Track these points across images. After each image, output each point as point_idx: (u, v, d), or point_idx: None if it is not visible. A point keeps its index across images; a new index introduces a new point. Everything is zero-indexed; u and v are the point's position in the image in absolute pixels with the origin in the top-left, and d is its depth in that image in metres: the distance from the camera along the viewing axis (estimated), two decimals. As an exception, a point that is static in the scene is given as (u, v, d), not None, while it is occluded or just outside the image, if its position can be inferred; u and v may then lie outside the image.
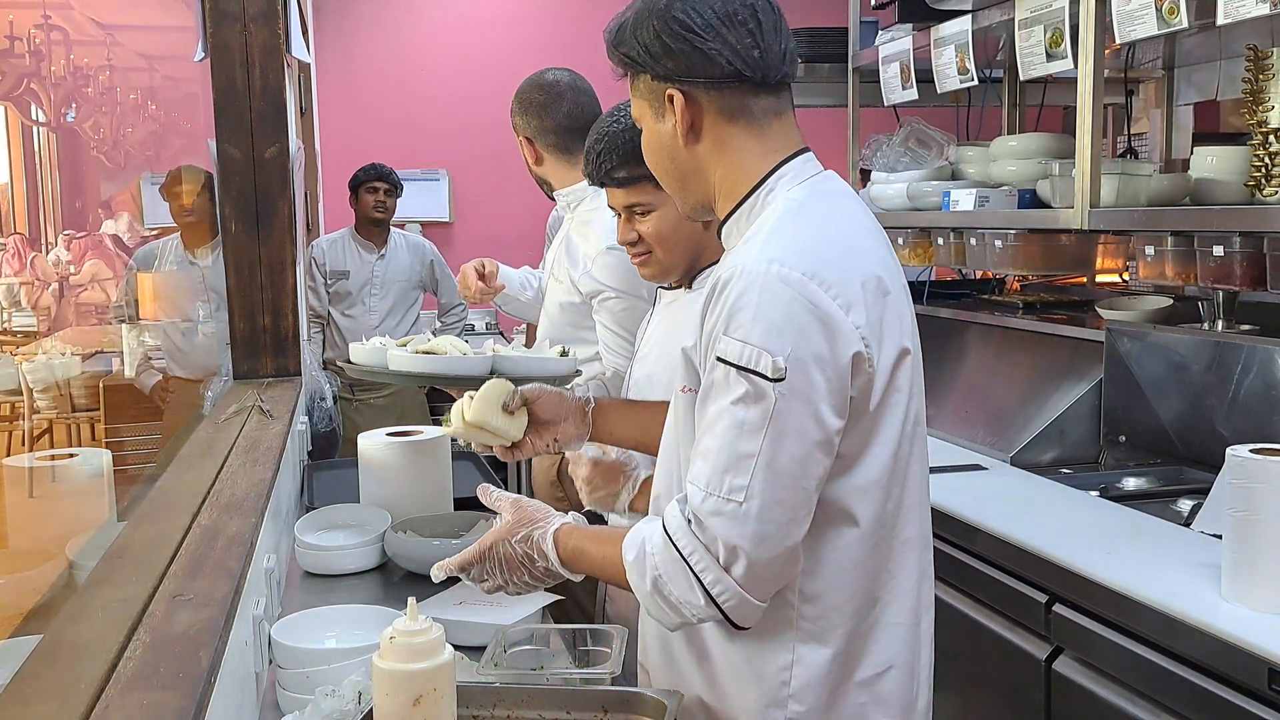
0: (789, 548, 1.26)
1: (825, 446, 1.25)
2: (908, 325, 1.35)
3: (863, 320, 1.26)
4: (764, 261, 1.25)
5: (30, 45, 3.90)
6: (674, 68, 1.33)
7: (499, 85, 6.66)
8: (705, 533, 1.26)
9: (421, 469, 2.38)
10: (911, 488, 1.38)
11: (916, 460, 1.39)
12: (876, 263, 1.33)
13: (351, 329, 4.92)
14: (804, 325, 1.22)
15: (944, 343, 3.62)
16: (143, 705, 1.00)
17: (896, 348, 1.31)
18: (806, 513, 1.27)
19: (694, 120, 1.36)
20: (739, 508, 1.23)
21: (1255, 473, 1.83)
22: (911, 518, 1.38)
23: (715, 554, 1.25)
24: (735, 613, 1.28)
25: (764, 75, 1.34)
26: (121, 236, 6.07)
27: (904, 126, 3.68)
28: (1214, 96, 3.58)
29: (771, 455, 1.22)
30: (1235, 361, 2.65)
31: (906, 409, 1.34)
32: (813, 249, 1.27)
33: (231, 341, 2.71)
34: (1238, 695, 1.76)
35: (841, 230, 1.34)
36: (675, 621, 1.33)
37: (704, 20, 1.32)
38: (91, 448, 2.53)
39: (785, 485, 1.23)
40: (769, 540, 1.24)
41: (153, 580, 1.32)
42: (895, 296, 1.33)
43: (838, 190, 1.41)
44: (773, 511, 1.23)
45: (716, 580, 1.26)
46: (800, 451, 1.23)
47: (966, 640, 2.46)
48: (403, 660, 1.17)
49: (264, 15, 2.60)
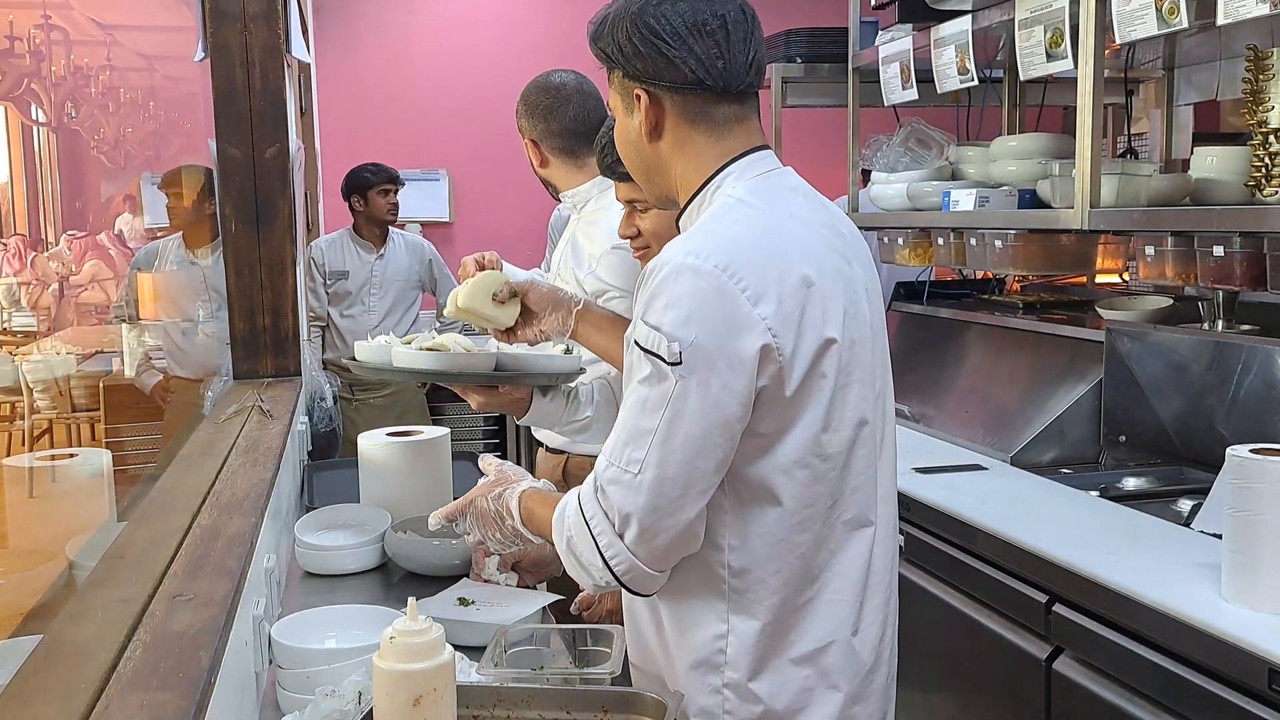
0: (682, 521, 1.34)
1: (723, 429, 1.32)
2: (835, 316, 1.37)
3: (772, 311, 1.31)
4: (682, 254, 1.33)
5: (30, 45, 3.90)
6: (642, 69, 1.41)
7: (499, 85, 6.67)
8: (606, 500, 1.36)
9: (421, 469, 2.38)
10: (855, 470, 1.42)
11: (863, 445, 1.42)
12: (804, 257, 1.37)
13: (351, 329, 4.92)
14: (708, 314, 1.29)
15: (944, 343, 3.62)
16: (143, 705, 1.00)
17: (819, 338, 1.35)
18: (701, 491, 1.34)
19: (657, 120, 1.43)
20: (634, 479, 1.33)
21: (1255, 473, 1.83)
22: (855, 500, 1.43)
23: (612, 520, 1.36)
24: (628, 578, 1.38)
25: (726, 84, 1.41)
26: (126, 234, 6.07)
27: (904, 126, 3.68)
28: (1214, 96, 3.58)
29: (667, 433, 1.31)
30: (1235, 361, 2.65)
31: (833, 396, 1.37)
32: (730, 243, 1.33)
33: (231, 341, 2.71)
34: (1238, 695, 1.77)
35: (768, 226, 1.38)
36: (588, 582, 1.43)
37: (672, 28, 1.38)
38: (91, 448, 2.53)
39: (678, 462, 1.31)
40: (660, 512, 1.33)
41: (153, 580, 1.32)
42: (822, 289, 1.36)
43: (784, 186, 1.46)
44: (665, 486, 1.32)
45: (610, 544, 1.37)
46: (696, 431, 1.30)
47: (966, 640, 2.46)
48: (403, 660, 1.17)
49: (264, 15, 2.60)
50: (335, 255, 4.94)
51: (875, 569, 1.47)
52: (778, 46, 4.36)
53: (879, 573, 1.48)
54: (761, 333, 1.31)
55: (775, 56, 4.36)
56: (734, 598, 1.41)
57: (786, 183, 1.47)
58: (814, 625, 1.42)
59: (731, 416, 1.32)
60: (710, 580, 1.42)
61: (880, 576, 1.48)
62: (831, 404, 1.37)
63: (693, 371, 1.29)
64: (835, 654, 1.43)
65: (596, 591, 1.52)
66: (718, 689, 1.43)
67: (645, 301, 1.35)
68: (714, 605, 1.42)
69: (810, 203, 1.47)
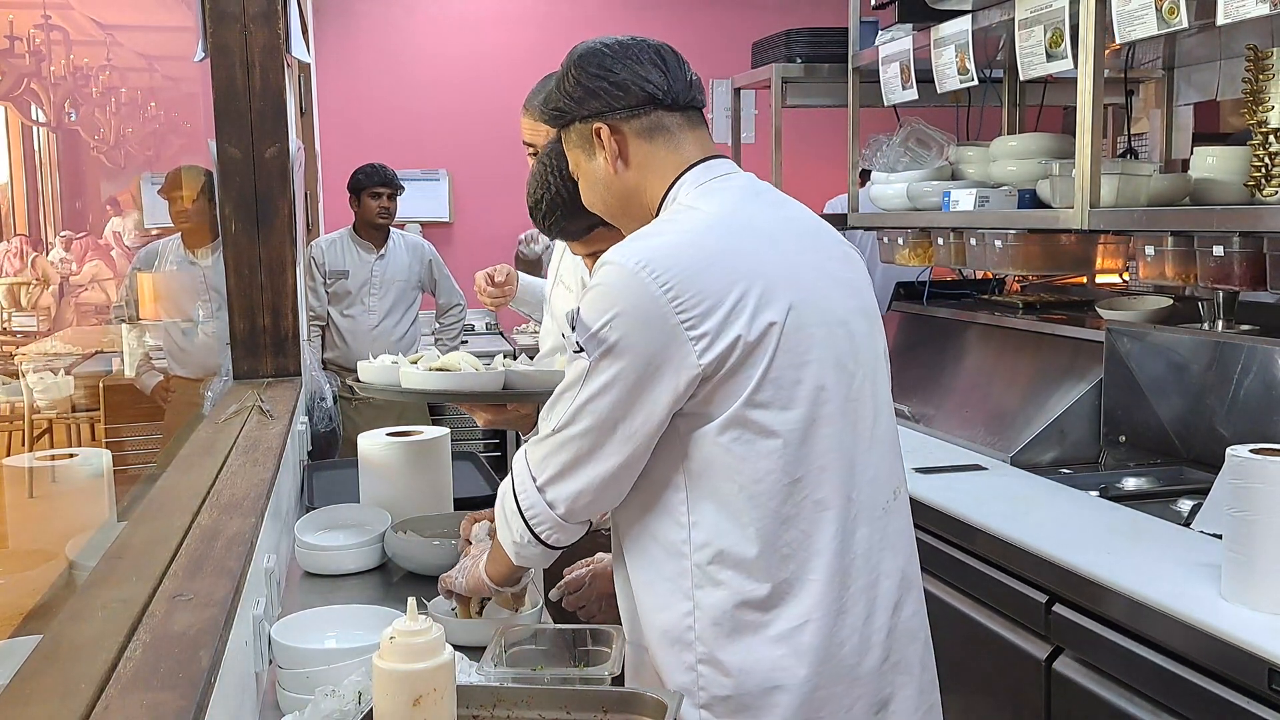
0: (585, 476, 1.47)
1: (629, 407, 1.42)
2: (778, 302, 1.43)
3: (693, 302, 1.39)
4: (613, 254, 1.45)
5: (30, 45, 3.89)
6: (597, 106, 1.53)
7: (499, 85, 6.68)
8: (528, 455, 1.53)
9: (421, 469, 2.38)
10: (819, 451, 1.45)
11: (827, 425, 1.46)
12: (738, 251, 1.44)
13: (350, 329, 4.92)
14: (625, 306, 1.40)
15: (944, 343, 3.62)
16: (143, 705, 1.00)
17: (752, 324, 1.41)
18: (603, 457, 1.45)
19: (620, 147, 1.54)
20: (552, 436, 1.48)
21: (1255, 473, 1.83)
22: (824, 480, 1.46)
23: (533, 474, 1.51)
24: (539, 524, 1.52)
25: (674, 99, 1.54)
26: (124, 235, 6.05)
27: (904, 126, 3.68)
28: (1214, 96, 3.58)
29: (581, 403, 1.45)
30: (1235, 361, 2.65)
31: (770, 376, 1.42)
32: (654, 244, 1.44)
33: (231, 341, 2.71)
34: (1238, 695, 1.77)
35: (704, 225, 1.47)
36: (509, 539, 1.56)
37: (613, 59, 1.53)
38: (91, 448, 2.52)
39: (584, 426, 1.45)
40: (570, 465, 1.47)
41: (153, 580, 1.32)
42: (761, 278, 1.42)
43: (734, 187, 1.54)
44: (570, 444, 1.46)
45: (526, 493, 1.52)
46: (603, 406, 1.43)
47: (966, 640, 2.46)
48: (403, 660, 1.17)
49: (264, 15, 2.60)
50: (335, 255, 4.94)
51: (858, 552, 1.49)
52: (778, 46, 4.36)
53: (863, 556, 1.49)
54: (675, 325, 1.39)
55: (775, 56, 4.36)
56: (697, 573, 1.47)
57: (736, 184, 1.55)
58: (791, 604, 1.45)
59: (640, 399, 1.42)
60: (675, 557, 1.48)
61: (865, 560, 1.49)
62: (766, 383, 1.42)
63: (607, 353, 1.42)
64: (812, 634, 1.45)
65: (515, 553, 1.58)
66: (691, 665, 1.48)
67: (585, 290, 1.48)
68: (679, 582, 1.48)
69: (762, 200, 1.56)
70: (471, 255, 6.06)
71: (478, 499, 2.56)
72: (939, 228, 3.58)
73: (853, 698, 1.48)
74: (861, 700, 1.49)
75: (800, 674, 1.45)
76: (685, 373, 1.40)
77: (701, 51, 6.48)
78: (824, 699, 1.46)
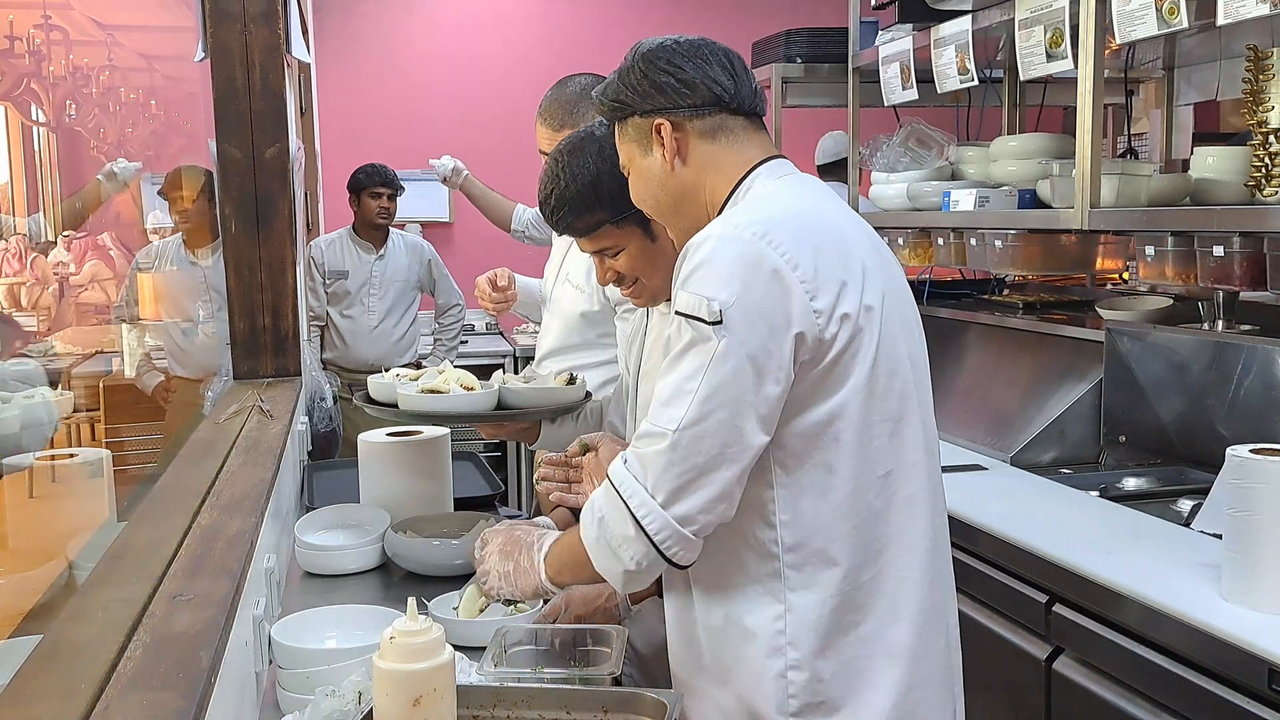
0: (719, 481, 1.34)
1: (762, 389, 1.33)
2: (875, 286, 1.41)
3: (810, 276, 1.34)
4: (719, 225, 1.40)
5: (30, 45, 3.89)
6: (661, 101, 1.49)
7: (499, 85, 6.68)
8: (639, 462, 1.37)
9: (421, 469, 2.38)
10: (909, 445, 1.44)
11: (914, 416, 1.45)
12: (840, 231, 1.42)
13: (350, 329, 4.92)
14: (747, 277, 1.33)
15: (944, 343, 3.62)
16: (143, 705, 1.00)
17: (858, 304, 1.37)
18: (739, 451, 1.34)
19: (680, 145, 1.50)
20: (671, 434, 1.33)
21: (1255, 473, 1.83)
22: (915, 474, 1.44)
23: (644, 483, 1.36)
24: (662, 538, 1.36)
25: (739, 103, 1.51)
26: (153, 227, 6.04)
27: (904, 126, 3.68)
28: (1214, 96, 3.58)
29: (708, 392, 1.32)
30: (1235, 361, 2.65)
31: (876, 364, 1.39)
32: (767, 215, 1.38)
33: (231, 341, 2.71)
34: (1238, 695, 1.77)
35: (803, 204, 1.45)
36: (617, 569, 1.41)
37: (684, 56, 1.50)
38: (91, 448, 2.53)
39: (718, 420, 1.32)
40: (696, 470, 1.33)
41: (153, 580, 1.32)
42: (860, 260, 1.41)
43: (812, 183, 1.54)
44: (703, 442, 1.33)
45: (643, 504, 1.36)
46: (735, 391, 1.32)
47: (967, 640, 2.45)
48: (403, 660, 1.17)
49: (264, 15, 2.60)
50: (335, 255, 4.94)
51: (939, 548, 1.48)
52: (778, 46, 4.36)
53: (944, 552, 1.49)
54: (800, 296, 1.34)
55: (775, 56, 4.36)
56: (790, 574, 1.41)
57: (814, 182, 1.55)
58: (880, 602, 1.41)
59: (770, 377, 1.33)
60: (764, 558, 1.42)
61: (945, 556, 1.49)
62: (875, 371, 1.39)
63: (732, 330, 1.32)
64: (903, 632, 1.42)
65: (625, 582, 1.44)
66: (781, 673, 1.42)
67: (686, 273, 1.38)
68: (769, 584, 1.42)
69: (835, 201, 1.55)
70: (471, 255, 6.06)
71: (477, 499, 2.56)
72: (939, 228, 3.58)
73: (942, 703, 1.47)
74: (944, 708, 1.48)
75: (892, 675, 1.42)
76: (807, 338, 1.34)
77: (701, 51, 6.50)
78: (917, 701, 1.43)
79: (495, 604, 1.84)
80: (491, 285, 2.88)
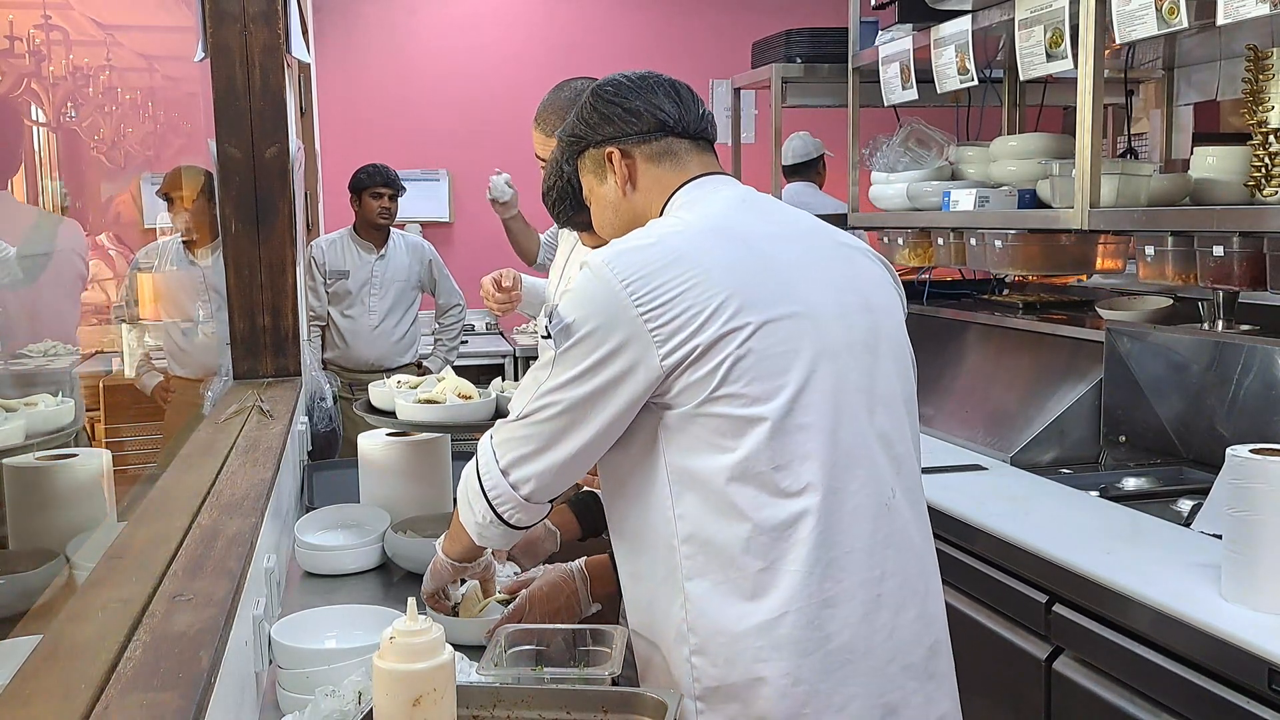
0: (558, 461, 1.51)
1: (602, 393, 1.46)
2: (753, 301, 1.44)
3: (650, 298, 1.43)
4: (588, 255, 1.53)
5: (30, 45, 3.89)
6: (611, 131, 1.61)
7: (499, 85, 6.69)
8: (494, 439, 1.58)
9: (421, 469, 2.38)
10: (800, 439, 1.45)
11: (808, 413, 1.45)
12: (706, 252, 1.47)
13: (351, 329, 4.92)
14: (592, 301, 1.47)
15: (944, 343, 3.62)
16: (143, 705, 1.00)
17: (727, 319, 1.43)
18: (577, 439, 1.49)
19: (630, 171, 1.61)
20: (517, 421, 1.54)
21: (1255, 473, 1.83)
22: (806, 469, 1.45)
23: (496, 457, 1.56)
24: (504, 508, 1.57)
25: (684, 128, 1.60)
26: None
27: (904, 126, 3.68)
28: (1214, 96, 3.59)
29: (550, 389, 1.50)
30: (1235, 361, 2.65)
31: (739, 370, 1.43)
32: (624, 245, 1.49)
33: (231, 341, 2.71)
34: (1238, 695, 1.77)
35: (673, 229, 1.51)
36: (472, 522, 1.62)
37: (630, 89, 1.61)
38: (91, 448, 2.52)
39: (554, 412, 1.49)
40: (535, 450, 1.52)
41: (153, 580, 1.32)
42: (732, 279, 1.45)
43: (720, 198, 1.58)
44: (541, 427, 1.51)
45: (489, 475, 1.57)
46: (572, 392, 1.47)
47: (966, 640, 2.45)
48: (402, 660, 1.17)
49: (264, 15, 2.60)
50: (336, 255, 4.94)
51: (855, 546, 1.47)
52: (778, 46, 4.36)
53: (863, 551, 1.47)
54: (636, 319, 1.43)
55: (775, 56, 4.36)
56: (686, 565, 1.48)
57: (723, 194, 1.59)
58: (771, 595, 1.44)
59: (609, 389, 1.46)
60: (667, 550, 1.50)
61: (866, 555, 1.47)
62: (733, 377, 1.43)
63: (575, 346, 1.47)
64: (791, 626, 1.44)
65: (477, 534, 1.63)
66: (686, 658, 1.49)
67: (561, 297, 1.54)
68: (673, 575, 1.50)
69: (748, 208, 1.58)
70: (471, 255, 6.06)
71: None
72: (939, 228, 3.58)
73: (846, 695, 1.46)
74: (859, 700, 1.47)
75: (780, 666, 1.44)
76: (647, 366, 1.44)
77: (701, 51, 6.51)
78: (809, 694, 1.44)
79: (495, 604, 1.85)
80: (496, 286, 2.88)
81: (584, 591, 1.84)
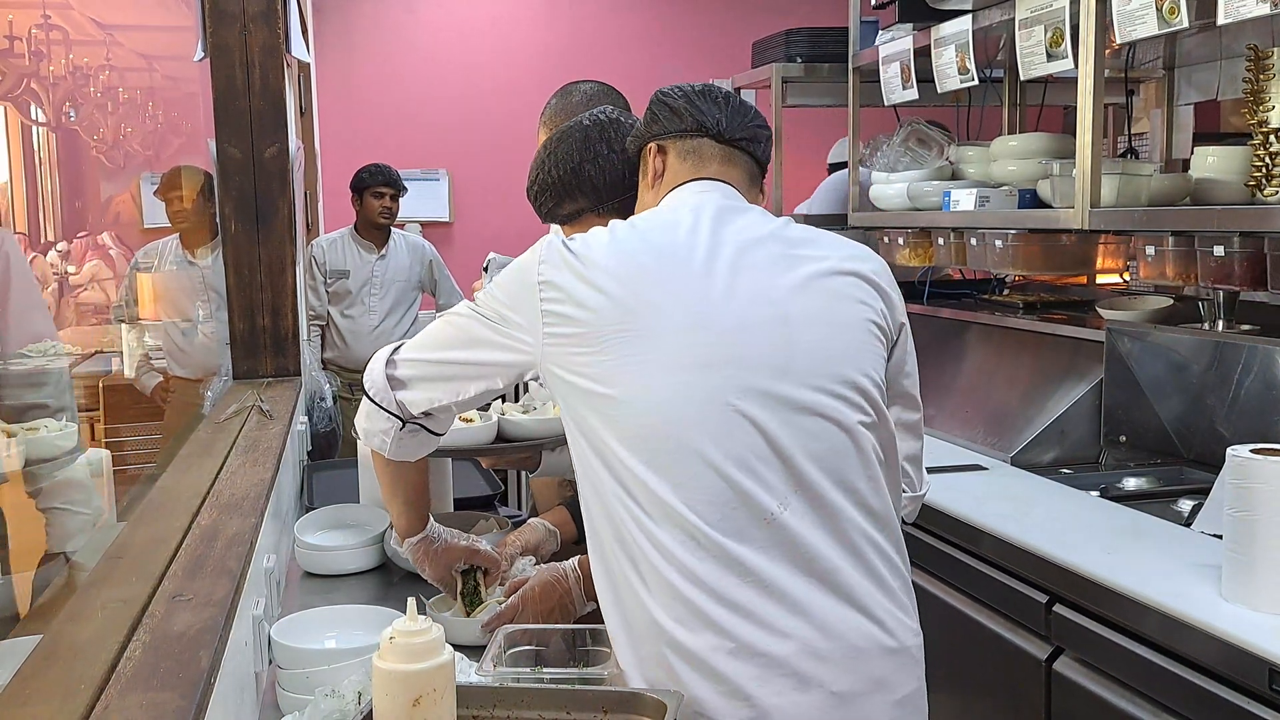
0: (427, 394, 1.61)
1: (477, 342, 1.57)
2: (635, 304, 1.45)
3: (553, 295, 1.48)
4: None
5: (30, 45, 3.90)
6: (656, 129, 1.66)
7: (499, 85, 6.68)
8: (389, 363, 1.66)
9: (421, 469, 2.38)
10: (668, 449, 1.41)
11: (680, 426, 1.41)
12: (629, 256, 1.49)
13: (351, 329, 4.92)
14: (511, 285, 1.55)
15: (944, 343, 3.62)
16: (143, 705, 1.00)
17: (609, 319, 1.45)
18: (448, 379, 1.61)
19: (662, 166, 1.65)
20: (403, 348, 1.66)
21: (1255, 473, 1.83)
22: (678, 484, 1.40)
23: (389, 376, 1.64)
24: (372, 389, 1.65)
25: (719, 131, 1.62)
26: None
27: (904, 126, 3.68)
28: (1214, 96, 3.58)
29: (437, 332, 1.65)
30: (1235, 361, 2.65)
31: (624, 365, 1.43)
32: (560, 241, 1.53)
33: (231, 341, 2.71)
34: (1238, 695, 1.77)
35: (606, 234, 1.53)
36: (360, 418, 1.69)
37: (681, 93, 1.66)
38: (91, 448, 2.52)
39: (447, 335, 1.63)
40: (422, 342, 1.65)
41: (153, 580, 1.32)
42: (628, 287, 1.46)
43: (678, 204, 1.59)
44: (422, 364, 1.63)
45: (377, 393, 1.64)
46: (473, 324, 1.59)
47: (966, 640, 2.46)
48: (402, 660, 1.17)
49: (264, 15, 2.60)
50: (336, 255, 4.94)
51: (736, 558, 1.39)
52: (778, 46, 4.36)
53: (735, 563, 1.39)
54: (536, 298, 1.49)
55: (775, 56, 4.36)
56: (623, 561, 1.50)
57: (684, 200, 1.58)
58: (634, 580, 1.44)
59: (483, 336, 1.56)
60: None
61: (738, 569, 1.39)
62: (604, 376, 1.44)
63: (478, 306, 1.59)
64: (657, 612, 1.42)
65: (363, 431, 1.69)
66: None
67: None
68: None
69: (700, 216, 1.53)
70: (472, 255, 6.05)
71: (477, 499, 2.56)
72: (939, 228, 3.58)
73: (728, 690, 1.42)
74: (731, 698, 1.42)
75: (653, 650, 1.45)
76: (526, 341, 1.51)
77: (701, 51, 6.51)
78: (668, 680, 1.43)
79: (494, 604, 1.85)
80: None
81: (578, 590, 1.83)
